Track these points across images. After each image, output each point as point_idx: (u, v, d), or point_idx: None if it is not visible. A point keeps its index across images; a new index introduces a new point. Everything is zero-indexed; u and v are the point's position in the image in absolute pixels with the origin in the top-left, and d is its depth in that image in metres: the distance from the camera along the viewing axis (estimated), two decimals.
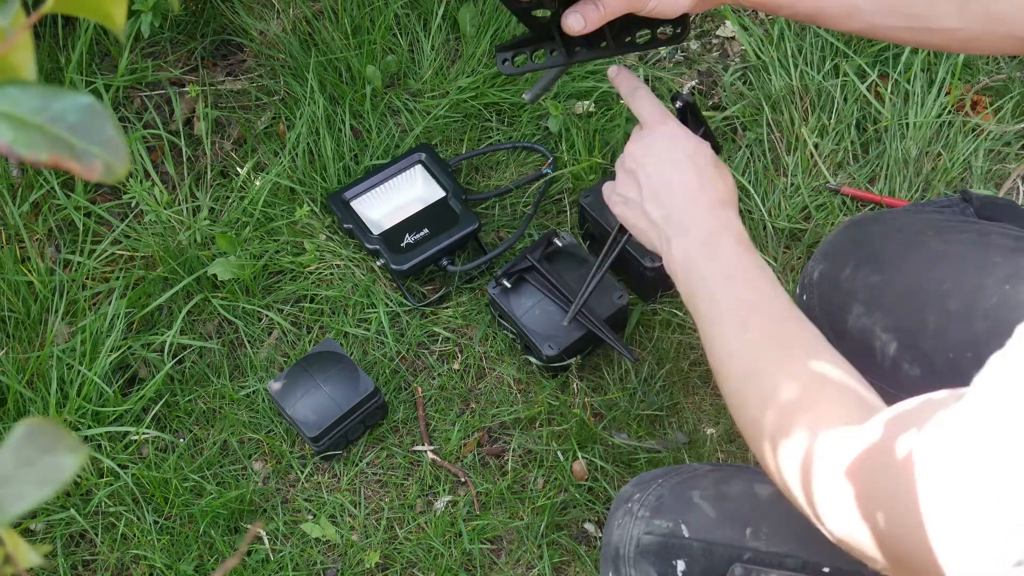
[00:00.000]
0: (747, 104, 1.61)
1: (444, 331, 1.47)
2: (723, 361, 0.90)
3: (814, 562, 0.93)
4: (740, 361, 0.88)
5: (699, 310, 0.94)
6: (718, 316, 0.92)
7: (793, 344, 0.87)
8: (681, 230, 0.98)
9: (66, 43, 1.64)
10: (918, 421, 0.64)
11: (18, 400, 1.39)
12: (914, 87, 1.59)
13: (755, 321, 0.89)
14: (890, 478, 0.65)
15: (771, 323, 0.89)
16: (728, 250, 0.95)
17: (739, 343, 0.89)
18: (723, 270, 0.94)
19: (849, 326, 1.20)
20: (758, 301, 0.91)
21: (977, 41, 1.00)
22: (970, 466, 0.59)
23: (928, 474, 0.61)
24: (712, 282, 0.93)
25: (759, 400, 0.83)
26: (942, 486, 0.60)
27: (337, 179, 1.56)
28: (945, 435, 0.61)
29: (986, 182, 1.55)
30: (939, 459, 0.61)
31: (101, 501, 1.36)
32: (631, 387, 1.41)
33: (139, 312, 1.47)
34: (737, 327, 0.90)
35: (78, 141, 0.38)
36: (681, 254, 0.97)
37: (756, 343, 0.88)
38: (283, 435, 1.41)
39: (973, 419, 0.60)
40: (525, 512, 1.36)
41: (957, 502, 0.59)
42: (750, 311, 0.90)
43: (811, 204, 1.53)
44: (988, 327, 1.04)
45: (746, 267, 0.94)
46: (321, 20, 1.66)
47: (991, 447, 0.58)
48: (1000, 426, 0.57)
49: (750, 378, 0.86)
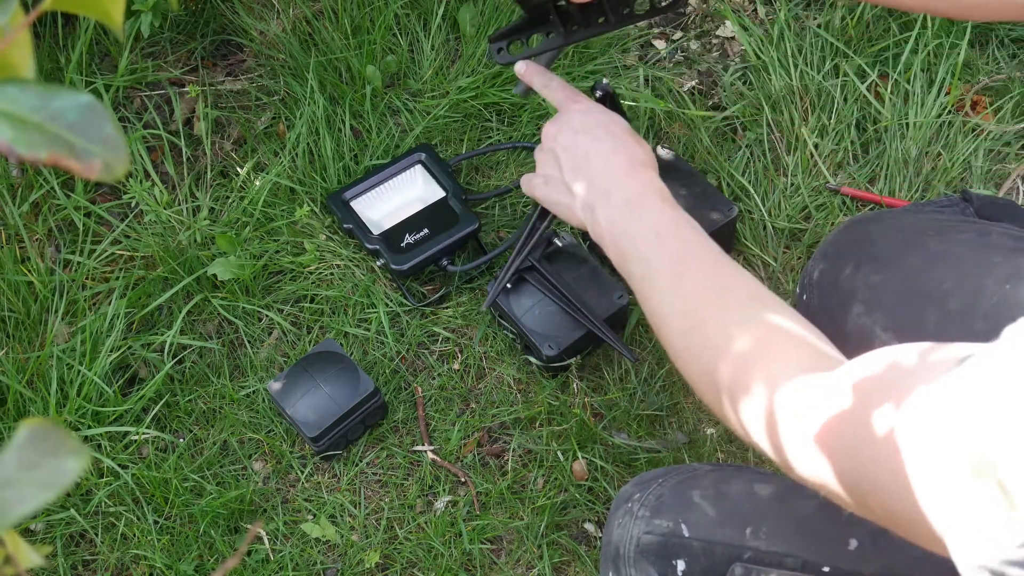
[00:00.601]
0: (747, 104, 1.61)
1: (444, 331, 1.47)
2: (664, 318, 0.88)
3: (814, 562, 0.93)
4: (681, 315, 0.86)
5: (632, 272, 0.93)
6: (652, 274, 0.90)
7: (735, 292, 0.85)
8: (603, 195, 0.97)
9: (66, 43, 1.64)
10: (893, 392, 0.63)
11: (18, 400, 1.39)
12: (914, 87, 1.59)
13: (692, 273, 0.88)
14: (870, 451, 0.64)
15: (708, 274, 0.88)
16: (653, 208, 0.94)
17: (678, 297, 0.87)
18: (651, 228, 0.93)
19: (849, 326, 1.19)
20: (692, 253, 0.90)
21: (980, 8, 0.99)
22: (963, 449, 0.58)
23: (917, 457, 0.60)
24: (641, 241, 0.92)
25: (709, 352, 0.81)
26: (935, 470, 0.59)
27: (337, 179, 1.56)
28: (932, 415, 0.60)
29: (986, 182, 1.55)
30: (929, 441, 0.60)
31: (101, 501, 1.36)
32: (631, 387, 1.41)
33: (139, 312, 1.47)
34: (673, 281, 0.88)
35: (77, 139, 0.38)
36: (606, 219, 0.96)
37: (696, 295, 0.86)
38: (283, 435, 1.41)
39: (961, 398, 0.59)
40: (525, 512, 1.36)
41: (953, 484, 0.58)
42: (685, 264, 0.89)
43: (811, 204, 1.53)
44: (988, 327, 1.04)
45: (674, 222, 0.92)
46: (321, 20, 1.66)
47: (981, 426, 0.57)
48: (991, 405, 0.57)
49: (695, 331, 0.84)
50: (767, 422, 0.75)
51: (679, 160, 1.48)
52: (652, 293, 0.90)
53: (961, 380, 0.59)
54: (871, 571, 0.90)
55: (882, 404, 0.64)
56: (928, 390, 0.61)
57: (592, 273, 1.42)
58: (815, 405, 0.70)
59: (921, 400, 0.61)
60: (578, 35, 1.09)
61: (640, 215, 0.94)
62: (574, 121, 1.03)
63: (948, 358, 0.62)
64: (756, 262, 1.50)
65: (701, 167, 1.55)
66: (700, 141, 1.57)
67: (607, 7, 1.07)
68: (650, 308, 0.90)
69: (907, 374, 0.64)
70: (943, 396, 0.60)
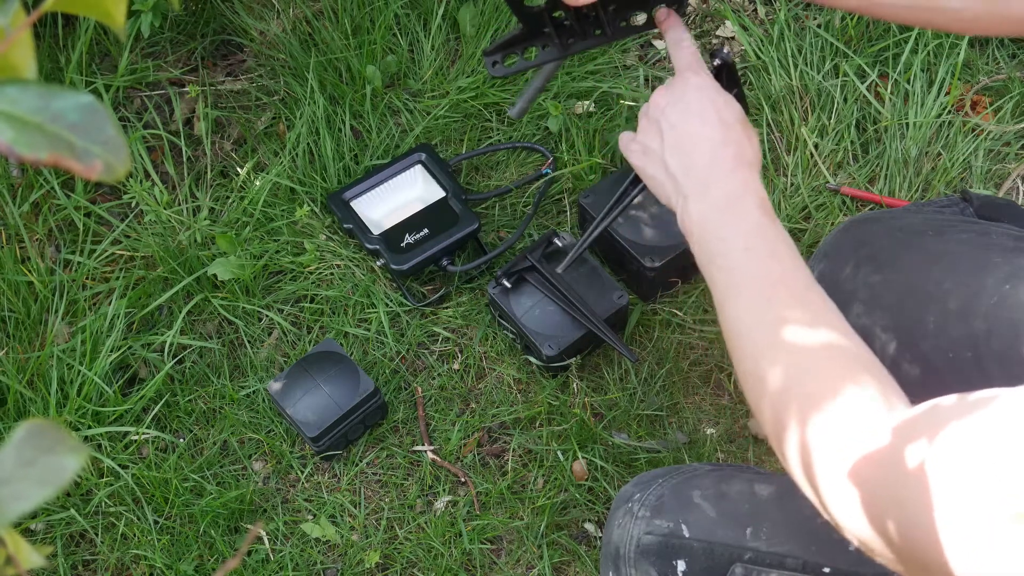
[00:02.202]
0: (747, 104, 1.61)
1: (444, 331, 1.47)
2: (739, 336, 0.84)
3: (814, 562, 0.93)
4: (757, 339, 0.82)
5: (715, 278, 0.88)
6: (736, 289, 0.86)
7: (815, 323, 0.82)
8: (701, 188, 0.92)
9: (66, 43, 1.64)
10: (928, 430, 0.63)
11: (18, 400, 1.39)
12: (914, 87, 1.59)
13: (779, 299, 0.84)
14: (900, 487, 0.65)
15: (794, 301, 0.84)
16: (751, 217, 0.89)
17: (760, 321, 0.83)
18: (743, 239, 0.88)
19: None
20: (779, 275, 0.85)
21: (980, 22, 0.97)
22: (986, 480, 0.58)
23: (942, 487, 0.60)
24: (731, 251, 0.88)
25: (774, 382, 0.79)
26: (957, 500, 0.59)
27: (337, 179, 1.56)
28: (960, 447, 0.60)
29: (986, 182, 1.55)
30: (954, 471, 0.60)
31: (101, 501, 1.36)
32: (631, 387, 1.41)
33: (139, 312, 1.47)
34: (757, 303, 0.84)
35: (78, 140, 0.38)
36: (699, 214, 0.91)
37: (775, 321, 0.82)
38: (283, 435, 1.41)
39: (990, 433, 0.59)
40: (525, 512, 1.36)
41: (973, 515, 0.58)
42: (773, 287, 0.85)
43: (811, 204, 1.53)
44: (988, 327, 1.04)
45: (767, 237, 0.88)
46: (321, 20, 1.66)
47: (1009, 461, 0.57)
48: (1018, 440, 0.57)
49: (764, 355, 0.81)
50: (806, 458, 0.73)
51: None
52: (733, 308, 0.86)
53: (994, 419, 0.59)
54: (871, 572, 0.90)
55: (915, 442, 0.63)
56: (960, 424, 0.61)
57: (592, 273, 1.42)
58: (856, 444, 0.70)
59: (952, 434, 0.61)
60: (574, 48, 1.08)
61: (735, 222, 0.89)
62: (688, 96, 0.97)
63: (985, 397, 0.62)
64: None
65: None
66: None
67: (604, 19, 1.06)
68: (726, 323, 0.87)
69: (944, 413, 0.64)
70: (976, 432, 0.60)
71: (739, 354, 0.85)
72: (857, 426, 0.72)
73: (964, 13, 0.96)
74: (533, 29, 1.07)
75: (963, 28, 1.01)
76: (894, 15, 1.01)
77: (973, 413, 0.61)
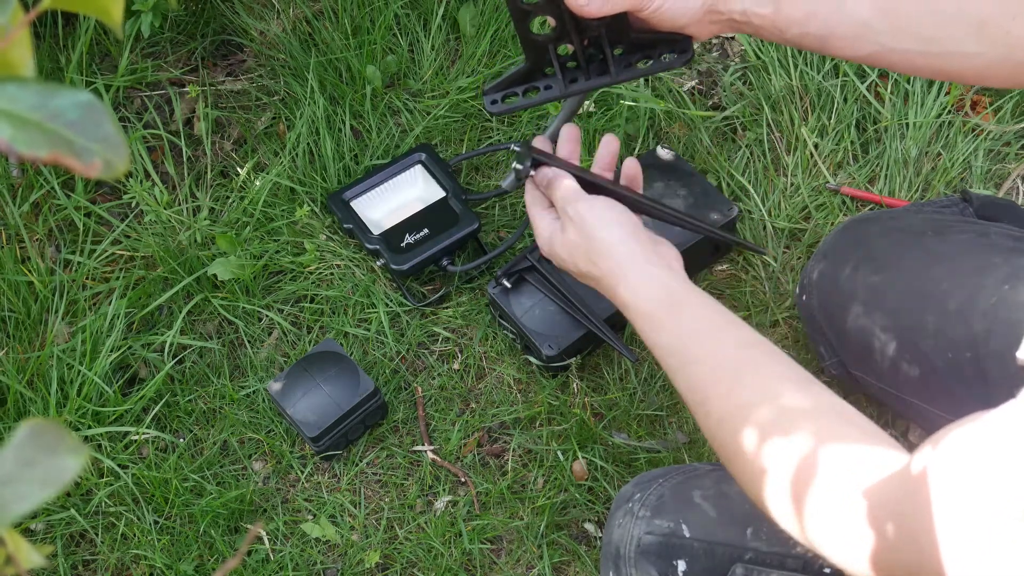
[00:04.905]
0: (747, 104, 1.61)
1: (444, 331, 1.47)
2: (707, 418, 0.87)
3: (815, 563, 0.93)
4: (730, 422, 0.83)
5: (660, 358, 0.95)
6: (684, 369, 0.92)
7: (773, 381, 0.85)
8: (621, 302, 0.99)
9: (66, 43, 1.64)
10: (932, 439, 0.63)
11: (18, 400, 1.39)
12: (914, 87, 1.59)
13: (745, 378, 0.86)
14: (901, 496, 0.64)
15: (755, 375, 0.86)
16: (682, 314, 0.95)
17: (725, 406, 0.85)
18: (675, 338, 0.94)
19: (848, 326, 1.20)
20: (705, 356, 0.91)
21: (995, 68, 0.95)
22: (988, 484, 0.58)
23: (943, 491, 0.60)
24: (661, 356, 0.95)
25: (745, 429, 0.80)
26: (958, 503, 0.59)
27: (337, 179, 1.56)
28: (963, 452, 0.60)
29: (986, 182, 1.55)
30: (955, 473, 0.59)
31: (101, 501, 1.36)
32: (631, 387, 1.41)
33: (139, 312, 1.47)
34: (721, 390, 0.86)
35: (77, 138, 0.38)
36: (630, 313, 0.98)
37: (745, 404, 0.84)
38: (283, 435, 1.41)
39: (992, 438, 0.58)
40: (525, 512, 1.35)
41: (974, 521, 0.58)
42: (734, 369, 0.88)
43: (811, 204, 1.53)
44: (987, 327, 1.04)
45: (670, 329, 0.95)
46: (321, 20, 1.66)
47: (1010, 462, 0.57)
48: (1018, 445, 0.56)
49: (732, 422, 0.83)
50: (798, 488, 0.74)
51: (679, 160, 1.48)
52: (682, 384, 0.91)
53: (998, 424, 0.59)
54: None
55: (919, 452, 0.64)
56: (961, 431, 0.60)
57: None
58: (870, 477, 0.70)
59: (953, 441, 0.61)
60: (578, 87, 1.08)
61: (662, 326, 0.96)
62: (561, 256, 1.05)
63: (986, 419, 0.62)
64: (756, 262, 1.50)
65: (701, 167, 1.55)
66: (700, 141, 1.57)
67: (610, 60, 1.06)
68: (692, 410, 0.90)
69: (950, 428, 0.64)
70: (978, 438, 0.59)
71: (702, 410, 0.87)
72: (860, 457, 0.72)
73: (977, 59, 0.94)
74: (535, 66, 1.07)
75: (976, 76, 0.99)
76: (907, 62, 0.99)
77: (976, 422, 0.60)
